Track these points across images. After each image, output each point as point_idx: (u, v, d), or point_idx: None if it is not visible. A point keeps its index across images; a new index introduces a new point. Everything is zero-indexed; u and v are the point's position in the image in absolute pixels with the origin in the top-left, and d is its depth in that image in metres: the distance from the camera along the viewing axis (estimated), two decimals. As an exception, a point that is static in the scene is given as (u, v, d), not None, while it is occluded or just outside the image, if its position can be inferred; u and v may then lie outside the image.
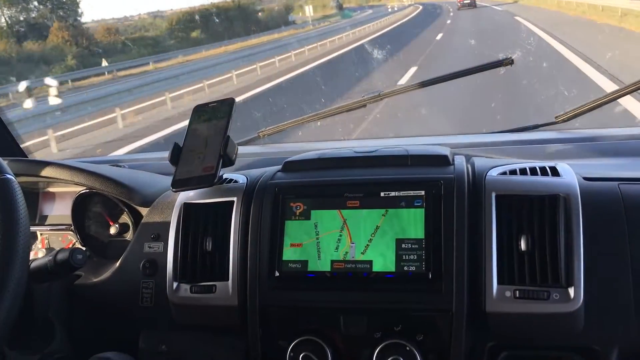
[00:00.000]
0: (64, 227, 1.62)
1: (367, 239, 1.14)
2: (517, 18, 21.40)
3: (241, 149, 1.82)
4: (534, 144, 1.62)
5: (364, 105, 1.76)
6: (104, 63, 16.34)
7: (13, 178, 1.09)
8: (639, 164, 1.39)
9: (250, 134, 1.85)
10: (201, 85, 13.53)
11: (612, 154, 1.49)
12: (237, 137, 1.35)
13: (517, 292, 1.06)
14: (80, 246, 1.55)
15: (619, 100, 1.60)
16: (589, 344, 1.08)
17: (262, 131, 1.83)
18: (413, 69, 11.12)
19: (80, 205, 1.58)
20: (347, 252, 1.15)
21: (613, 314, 1.08)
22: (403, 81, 9.57)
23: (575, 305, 1.03)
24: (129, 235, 1.54)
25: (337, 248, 1.15)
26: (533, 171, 1.18)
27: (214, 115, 1.32)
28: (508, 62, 1.61)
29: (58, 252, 1.23)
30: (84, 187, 1.54)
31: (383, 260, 1.13)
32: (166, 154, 1.30)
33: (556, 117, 1.61)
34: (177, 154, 1.30)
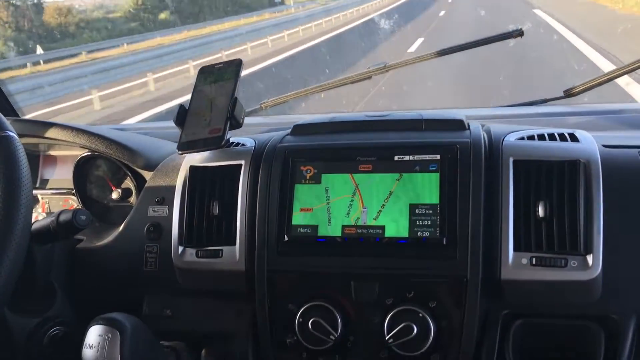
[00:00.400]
0: (65, 191, 1.59)
1: (380, 204, 1.11)
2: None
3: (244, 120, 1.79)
4: (544, 117, 1.58)
5: (369, 77, 1.72)
6: (39, 50, 14.50)
7: (15, 135, 1.06)
8: None
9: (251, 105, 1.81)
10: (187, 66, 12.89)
11: (626, 127, 1.47)
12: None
13: (534, 259, 1.03)
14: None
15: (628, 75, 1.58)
16: (606, 313, 1.06)
17: (265, 102, 1.79)
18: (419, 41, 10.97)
19: (82, 168, 1.55)
20: (358, 217, 1.12)
21: (631, 282, 1.06)
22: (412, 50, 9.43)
23: (594, 273, 1.01)
24: (131, 201, 1.51)
25: (348, 213, 1.12)
26: (551, 137, 1.15)
27: (221, 77, 1.29)
28: (518, 33, 1.57)
29: (61, 212, 1.20)
30: (86, 150, 1.50)
31: (396, 226, 1.10)
32: (172, 124, 1.26)
33: (565, 92, 1.58)
34: (182, 116, 1.27)
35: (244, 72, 1.28)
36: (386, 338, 1.06)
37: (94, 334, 0.96)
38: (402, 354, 1.06)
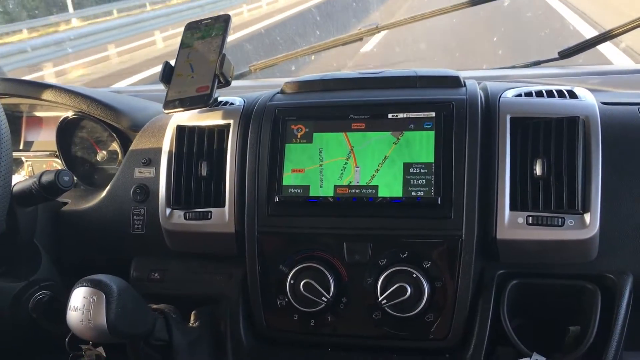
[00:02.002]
0: (49, 153, 1.55)
1: (374, 165, 1.08)
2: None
3: (232, 83, 1.75)
4: (539, 79, 1.55)
5: (361, 39, 1.69)
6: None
7: None
8: None
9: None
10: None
11: (622, 86, 1.43)
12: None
13: (530, 218, 1.01)
14: None
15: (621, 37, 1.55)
16: (603, 272, 1.04)
17: (254, 65, 1.74)
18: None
19: (66, 130, 1.50)
20: (351, 178, 1.09)
21: (629, 241, 1.04)
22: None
23: (591, 232, 0.99)
24: (117, 163, 1.48)
25: (341, 176, 1.09)
26: (549, 94, 1.12)
27: (208, 33, 1.24)
28: None
29: (43, 173, 1.16)
30: (70, 111, 1.46)
31: (390, 185, 1.07)
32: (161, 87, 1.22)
33: (559, 53, 1.56)
34: (168, 73, 1.22)
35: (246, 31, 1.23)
36: (379, 299, 1.04)
37: (78, 296, 0.93)
38: (396, 314, 1.04)
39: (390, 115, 1.10)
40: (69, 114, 1.47)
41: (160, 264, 1.24)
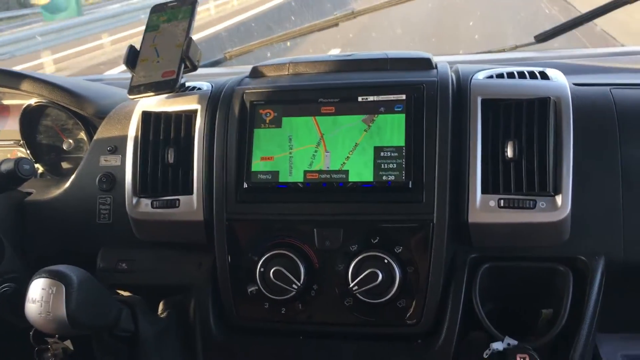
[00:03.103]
0: (12, 142, 1.50)
1: (344, 152, 1.06)
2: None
3: (206, 71, 1.72)
4: (515, 63, 1.55)
5: (337, 24, 1.67)
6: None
7: None
8: (629, 76, 1.33)
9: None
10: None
11: (597, 69, 1.43)
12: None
13: (502, 201, 1.00)
14: None
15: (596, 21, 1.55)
16: (574, 254, 1.04)
17: (229, 52, 1.72)
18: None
19: (30, 118, 1.46)
20: (321, 165, 1.07)
21: (600, 223, 1.04)
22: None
23: (562, 214, 0.98)
24: (84, 152, 1.44)
25: (311, 164, 1.07)
26: (521, 76, 1.10)
27: (174, 16, 1.21)
28: None
29: (3, 162, 1.12)
30: (34, 98, 1.41)
31: (360, 170, 1.05)
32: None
33: (535, 37, 1.55)
34: (133, 57, 1.19)
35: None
36: (351, 285, 1.02)
37: (37, 288, 0.89)
38: (368, 301, 1.03)
39: (360, 99, 1.08)
40: (32, 101, 1.42)
41: (128, 254, 1.21)
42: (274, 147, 1.09)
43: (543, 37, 1.53)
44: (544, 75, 1.10)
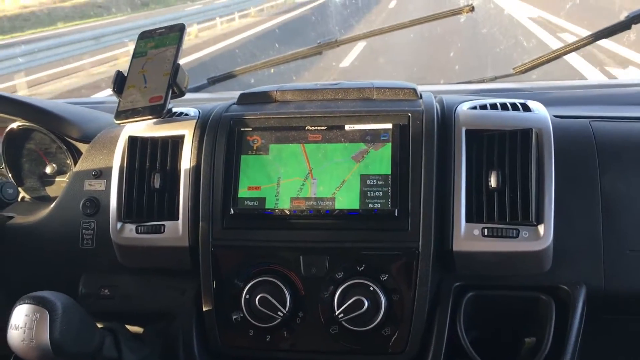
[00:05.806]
0: None
1: (331, 184, 1.07)
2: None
3: (190, 96, 1.72)
4: (494, 94, 1.58)
5: (320, 52, 1.69)
6: None
7: None
8: (606, 109, 1.37)
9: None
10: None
11: (574, 102, 1.47)
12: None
13: (486, 230, 1.02)
14: None
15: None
16: (556, 283, 1.05)
17: (212, 78, 1.73)
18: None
19: (13, 141, 1.44)
20: (308, 192, 1.07)
21: (582, 252, 1.06)
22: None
23: (545, 244, 1.00)
24: (67, 176, 1.42)
25: (298, 194, 1.08)
26: (504, 107, 1.13)
27: (162, 43, 1.22)
28: (469, 9, 1.55)
29: None
30: (17, 122, 1.40)
31: (346, 197, 1.06)
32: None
33: (514, 69, 1.58)
34: (120, 82, 1.19)
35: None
36: (336, 313, 1.02)
37: (20, 314, 0.88)
38: (353, 329, 1.03)
39: (347, 127, 1.10)
40: (15, 125, 1.41)
41: (111, 279, 1.20)
42: (261, 177, 1.10)
43: (521, 70, 1.57)
44: (525, 107, 1.13)
